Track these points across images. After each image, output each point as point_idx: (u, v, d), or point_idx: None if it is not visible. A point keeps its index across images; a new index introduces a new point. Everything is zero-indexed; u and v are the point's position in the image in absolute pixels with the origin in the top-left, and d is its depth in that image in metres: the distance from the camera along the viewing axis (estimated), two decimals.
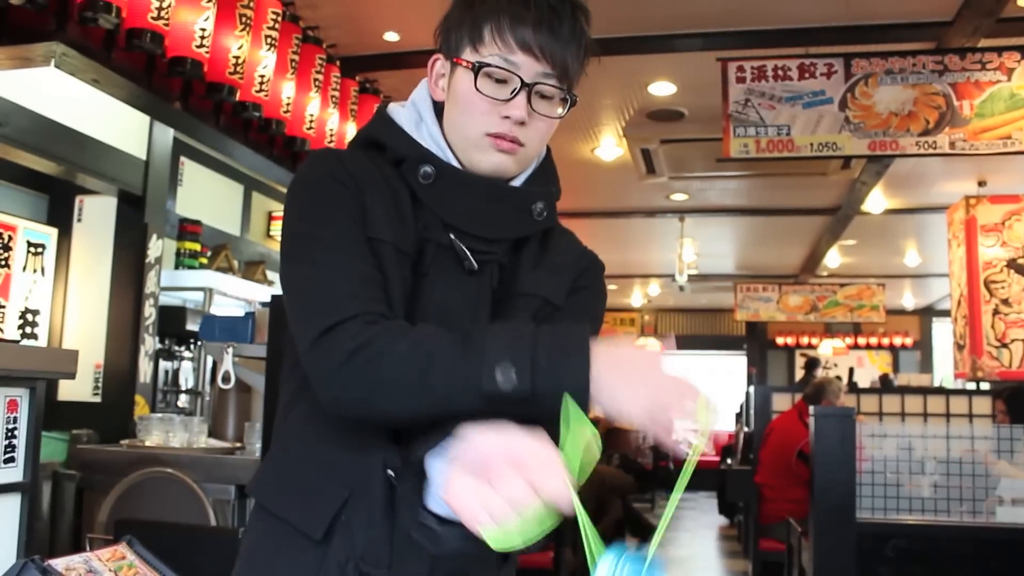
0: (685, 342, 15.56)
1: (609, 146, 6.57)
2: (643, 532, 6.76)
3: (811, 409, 3.34)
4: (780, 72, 4.62)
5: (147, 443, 3.31)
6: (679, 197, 8.15)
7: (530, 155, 1.21)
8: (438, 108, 1.25)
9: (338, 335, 1.05)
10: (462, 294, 1.18)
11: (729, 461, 9.08)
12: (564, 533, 4.24)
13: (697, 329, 15.57)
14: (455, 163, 1.20)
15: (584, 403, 0.98)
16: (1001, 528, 3.14)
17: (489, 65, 1.15)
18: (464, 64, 1.17)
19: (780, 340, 15.01)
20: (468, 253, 1.18)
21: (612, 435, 7.37)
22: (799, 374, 12.17)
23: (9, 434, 1.80)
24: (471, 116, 1.18)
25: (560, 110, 1.20)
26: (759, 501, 5.68)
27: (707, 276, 11.84)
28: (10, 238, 4.84)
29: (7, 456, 1.80)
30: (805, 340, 14.79)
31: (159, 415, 3.52)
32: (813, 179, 7.02)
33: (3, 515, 1.78)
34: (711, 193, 8.00)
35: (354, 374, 1.04)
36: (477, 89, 1.15)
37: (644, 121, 5.99)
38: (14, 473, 1.80)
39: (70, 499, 3.63)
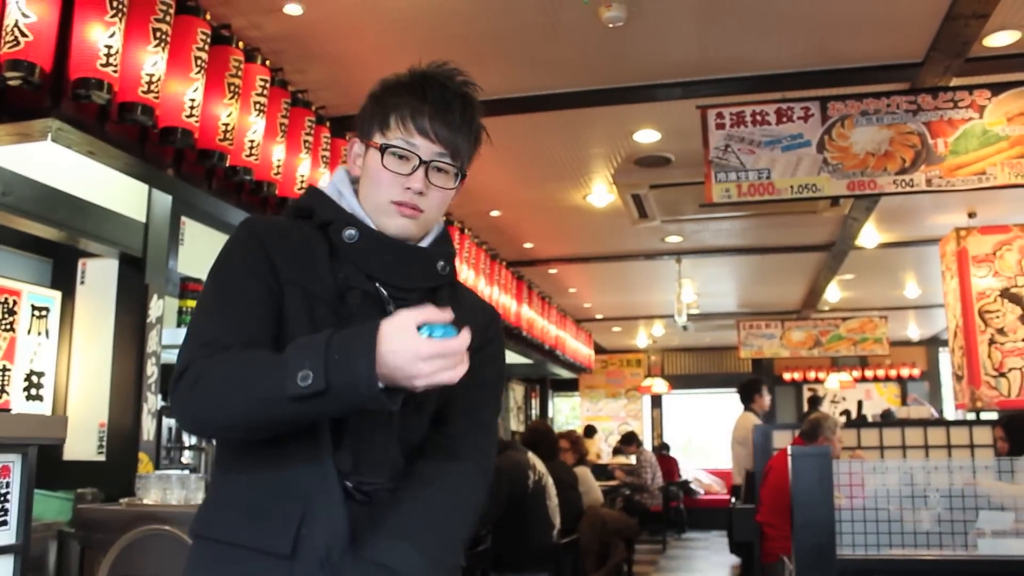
0: (692, 381, 15.58)
1: (600, 193, 6.70)
2: None
3: (788, 449, 3.40)
4: (758, 117, 4.74)
5: (146, 501, 3.39)
6: (674, 239, 8.26)
7: (429, 220, 1.46)
8: (354, 186, 1.50)
9: (185, 377, 1.27)
10: None
11: (734, 500, 9.06)
12: (561, 565, 4.28)
13: (704, 368, 15.59)
14: (372, 227, 1.44)
15: (374, 388, 1.16)
16: (982, 560, 3.17)
17: (393, 146, 1.41)
18: (374, 145, 1.43)
19: (787, 376, 15.01)
20: (388, 297, 1.41)
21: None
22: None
23: (2, 498, 1.89)
24: (379, 187, 1.43)
25: (452, 184, 1.45)
26: (761, 539, 5.69)
27: (709, 315, 11.90)
28: (15, 302, 4.96)
29: (0, 520, 1.88)
30: (812, 375, 14.79)
31: (157, 473, 3.60)
32: (804, 217, 7.13)
33: None
34: (705, 234, 8.11)
35: (188, 399, 1.26)
36: (384, 165, 1.41)
37: (632, 168, 6.12)
38: (7, 535, 1.89)
39: (74, 558, 3.70)
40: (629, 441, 11.88)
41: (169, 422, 5.78)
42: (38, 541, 3.43)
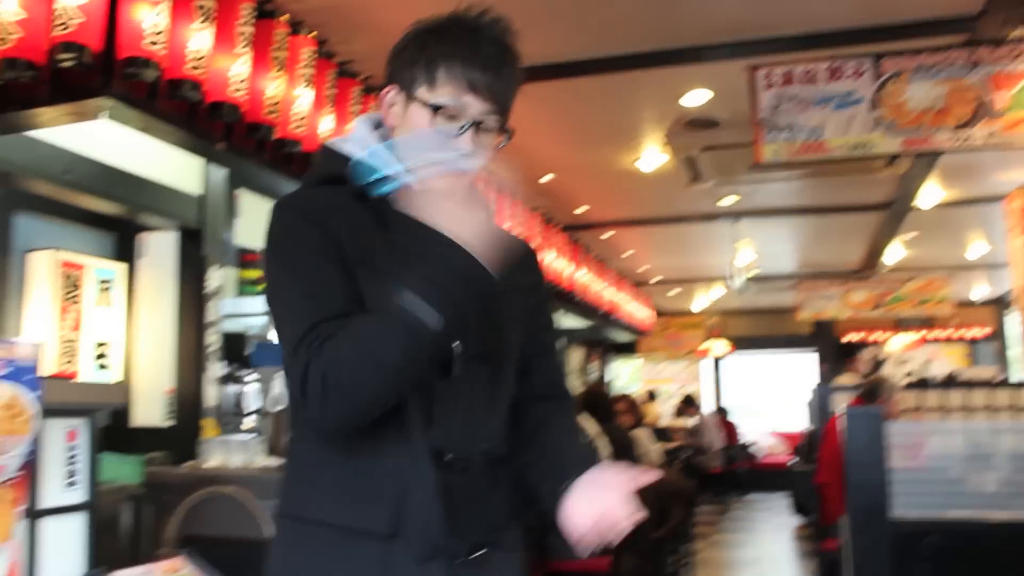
0: (752, 343, 15.43)
1: (652, 156, 6.65)
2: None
3: (841, 409, 3.38)
4: (809, 76, 4.65)
5: (209, 464, 3.52)
6: (729, 201, 8.17)
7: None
8: (377, 132, 1.43)
9: (308, 380, 1.21)
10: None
11: (796, 459, 9.02)
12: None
13: (764, 330, 15.41)
14: None
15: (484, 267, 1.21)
16: None
17: (444, 107, 1.34)
18: (421, 102, 1.35)
19: (850, 337, 14.77)
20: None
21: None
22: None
23: (70, 460, 1.99)
24: None
25: (497, 142, 1.41)
26: (820, 501, 5.67)
27: (769, 277, 11.74)
28: (80, 276, 5.15)
29: (69, 480, 1.99)
30: (875, 336, 14.53)
31: (219, 438, 3.74)
32: (861, 176, 6.98)
33: (70, 531, 1.97)
34: (761, 195, 7.99)
35: (324, 399, 1.20)
36: (431, 125, 1.35)
37: (683, 130, 6.06)
38: (77, 494, 1.99)
39: (148, 518, 3.87)
40: (689, 404, 11.87)
41: (232, 389, 5.98)
42: (112, 502, 3.60)
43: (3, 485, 1.68)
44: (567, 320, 12.14)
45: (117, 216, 5.09)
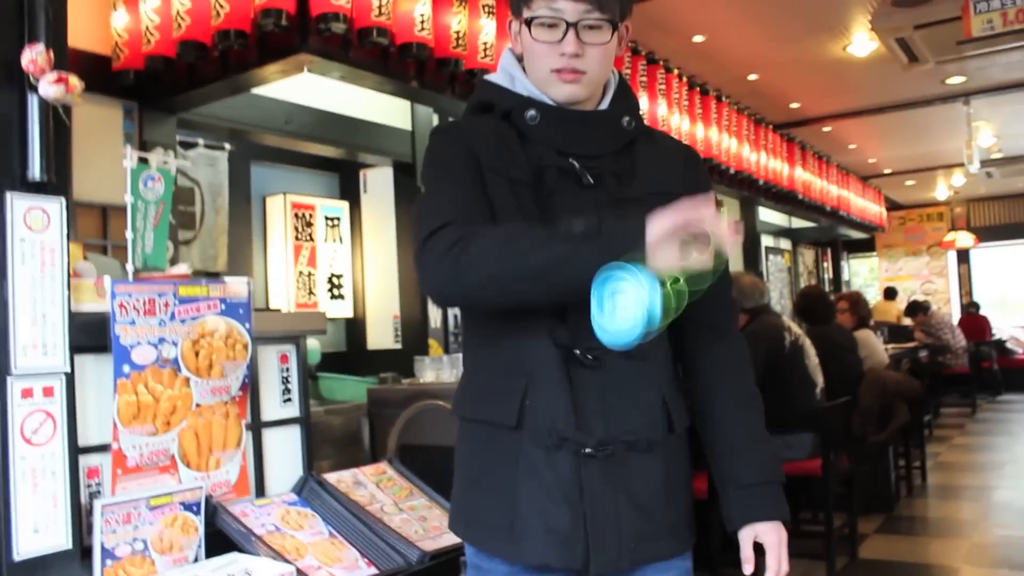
0: (1004, 232, 14.20)
1: (861, 41, 6.27)
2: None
3: None
4: None
5: (423, 380, 3.86)
6: (957, 80, 7.52)
7: (596, 78, 1.44)
8: (523, 64, 1.50)
9: (437, 238, 1.31)
10: (586, 204, 1.40)
11: None
12: (831, 441, 4.29)
13: (1017, 216, 14.10)
14: (550, 103, 1.45)
15: (641, 240, 1.18)
16: None
17: (537, 17, 1.40)
18: (522, 20, 1.43)
19: None
20: (583, 170, 1.42)
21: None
22: None
23: (284, 380, 2.32)
24: (537, 59, 1.43)
25: (608, 37, 1.41)
26: None
27: (1015, 158, 10.73)
28: (310, 215, 5.68)
29: (285, 397, 2.31)
30: None
31: (430, 357, 4.06)
32: None
33: (290, 441, 2.30)
34: (994, 70, 7.29)
35: (449, 263, 1.28)
36: (534, 38, 1.42)
37: (891, 9, 5.65)
38: (292, 409, 2.31)
39: (376, 429, 4.31)
40: (914, 311, 11.19)
41: (454, 311, 6.38)
42: (345, 419, 4.04)
43: (230, 402, 2.00)
44: (794, 222, 11.77)
45: (337, 158, 5.54)
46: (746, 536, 1.43)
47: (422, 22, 3.78)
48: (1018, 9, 4.12)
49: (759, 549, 1.43)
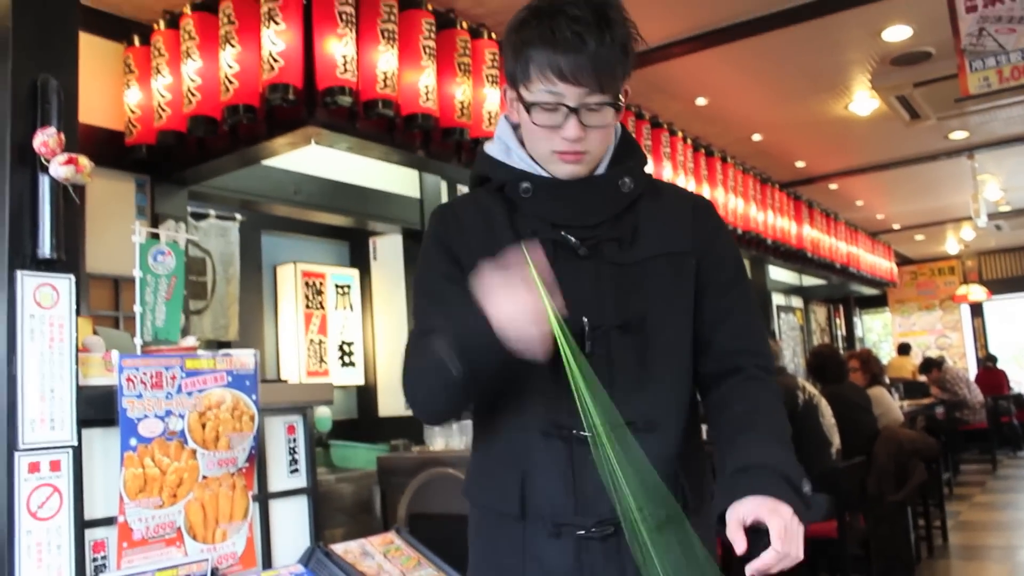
0: (1017, 284, 14.14)
1: (862, 100, 6.35)
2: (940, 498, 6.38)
3: None
4: None
5: (433, 448, 3.85)
6: (959, 135, 7.59)
7: (597, 155, 1.42)
8: (518, 132, 1.46)
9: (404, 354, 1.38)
10: (583, 274, 1.37)
11: None
12: (846, 501, 4.23)
13: None
14: (545, 175, 1.42)
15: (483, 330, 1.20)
16: None
17: (538, 103, 1.35)
18: (520, 101, 1.38)
19: None
20: (578, 242, 1.38)
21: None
22: None
23: (291, 451, 2.32)
24: (538, 141, 1.40)
25: (611, 118, 1.37)
26: None
27: (1023, 210, 10.75)
28: (321, 283, 5.73)
29: (292, 468, 2.32)
30: None
31: (439, 425, 4.06)
32: None
33: (296, 512, 2.29)
34: (996, 124, 7.36)
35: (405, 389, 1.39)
36: (534, 123, 1.37)
37: (890, 68, 5.74)
38: (299, 480, 2.31)
39: (387, 498, 4.30)
40: (928, 368, 11.09)
41: None
42: (353, 486, 4.02)
43: (236, 474, 2.01)
44: (805, 280, 11.76)
45: (347, 226, 5.61)
46: (731, 519, 1.22)
47: (427, 93, 3.86)
48: (1012, 67, 4.17)
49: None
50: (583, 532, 1.31)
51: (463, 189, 6.49)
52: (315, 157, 4.76)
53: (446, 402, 1.33)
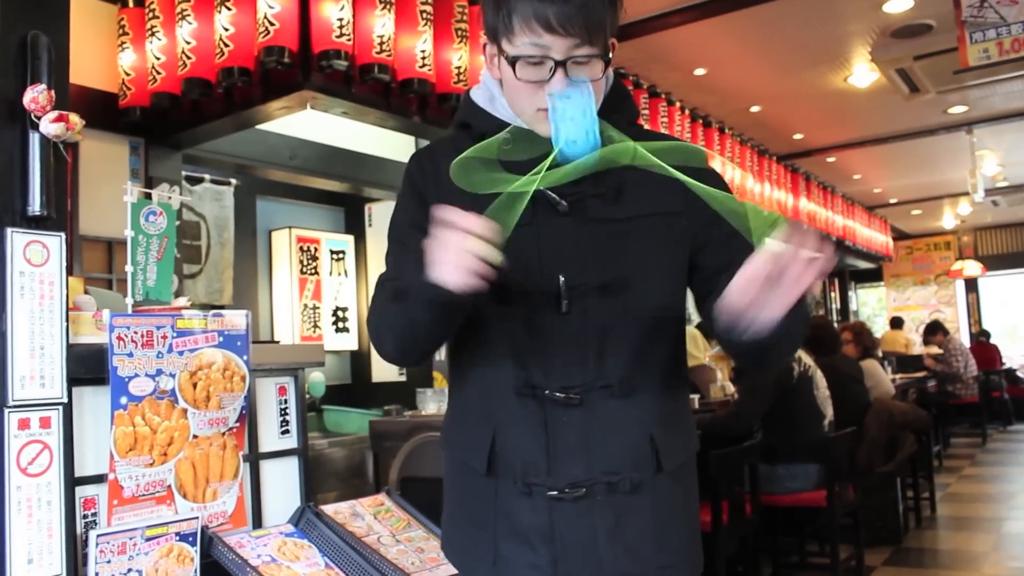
0: (1012, 260, 14.17)
1: (862, 72, 6.32)
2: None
3: None
4: None
5: (425, 413, 3.87)
6: (958, 109, 7.56)
7: None
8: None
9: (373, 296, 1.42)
10: (564, 231, 1.32)
11: None
12: (836, 471, 4.27)
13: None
14: (525, 127, 1.35)
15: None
16: None
17: (523, 56, 1.27)
18: (503, 55, 1.30)
19: None
20: (557, 197, 1.30)
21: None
22: None
23: (283, 412, 2.33)
24: (522, 98, 1.31)
25: (599, 72, 1.29)
26: None
27: (1020, 186, 10.73)
28: (316, 249, 5.72)
29: (283, 429, 2.33)
30: None
31: (432, 389, 4.08)
32: None
33: (287, 472, 2.31)
34: (995, 99, 7.33)
35: (371, 335, 1.41)
36: (518, 78, 1.28)
37: (890, 41, 5.71)
38: (290, 441, 2.33)
39: (379, 461, 4.33)
40: (933, 331, 11.13)
41: None
42: (346, 451, 4.05)
43: (227, 433, 2.02)
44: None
45: (342, 192, 5.60)
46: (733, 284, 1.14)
47: (423, 58, 3.84)
48: (1013, 39, 4.15)
49: None
50: (555, 493, 1.30)
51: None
52: (311, 122, 4.74)
53: (411, 347, 1.33)
